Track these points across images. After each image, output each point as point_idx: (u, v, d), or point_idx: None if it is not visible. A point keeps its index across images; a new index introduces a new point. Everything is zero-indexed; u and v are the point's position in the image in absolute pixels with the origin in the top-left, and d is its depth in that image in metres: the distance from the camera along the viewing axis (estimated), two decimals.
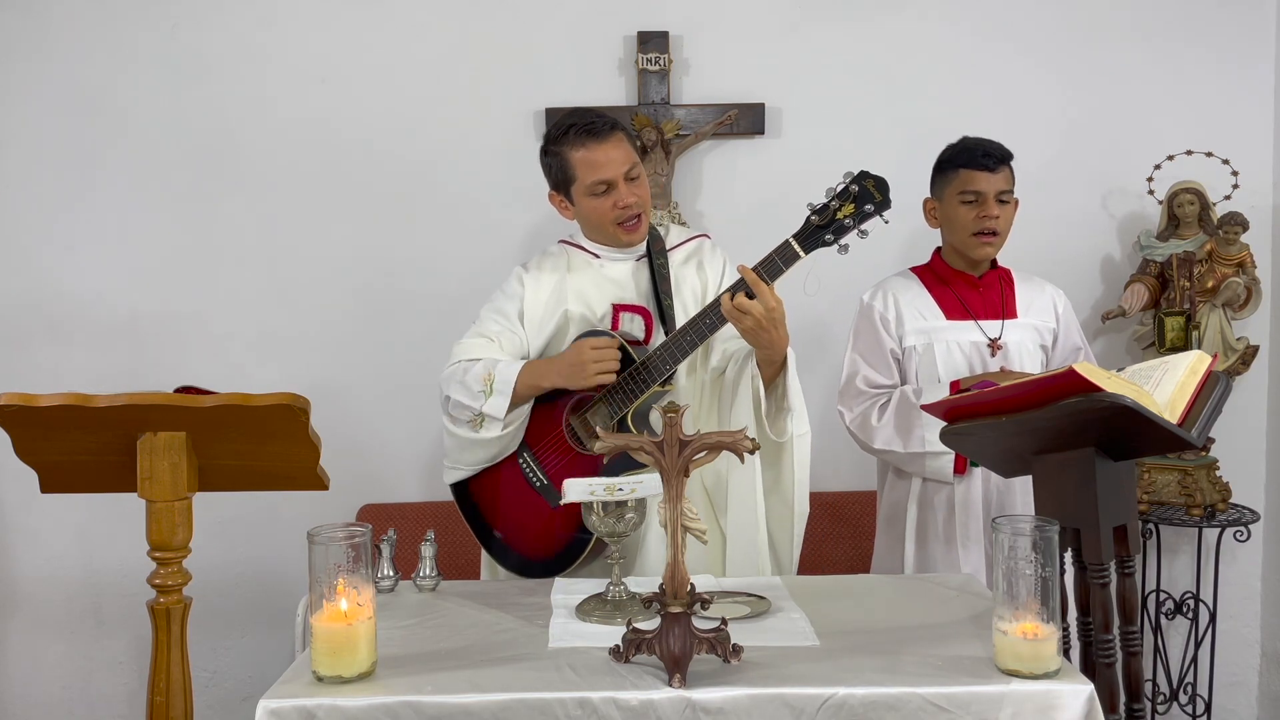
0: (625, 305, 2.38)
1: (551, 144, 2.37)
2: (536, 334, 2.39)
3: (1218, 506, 3.25)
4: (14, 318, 3.44)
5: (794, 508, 2.31)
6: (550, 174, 2.40)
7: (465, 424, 2.33)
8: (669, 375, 2.27)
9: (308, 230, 3.46)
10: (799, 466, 2.30)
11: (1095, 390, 1.76)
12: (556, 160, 2.36)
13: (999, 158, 2.59)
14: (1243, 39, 3.48)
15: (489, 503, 2.42)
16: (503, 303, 2.42)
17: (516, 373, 2.28)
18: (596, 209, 2.35)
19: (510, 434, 2.33)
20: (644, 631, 1.61)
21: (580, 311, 2.38)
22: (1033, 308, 2.69)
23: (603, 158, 2.31)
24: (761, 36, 3.46)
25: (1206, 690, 3.39)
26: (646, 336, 2.36)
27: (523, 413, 2.33)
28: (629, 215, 2.34)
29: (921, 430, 2.53)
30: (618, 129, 2.35)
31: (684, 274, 2.43)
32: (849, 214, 2.14)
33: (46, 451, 2.00)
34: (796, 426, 2.28)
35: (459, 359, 2.37)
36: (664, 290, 2.38)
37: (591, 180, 2.31)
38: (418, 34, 3.44)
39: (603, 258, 2.43)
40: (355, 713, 1.51)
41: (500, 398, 2.27)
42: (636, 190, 2.34)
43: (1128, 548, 1.96)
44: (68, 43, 3.41)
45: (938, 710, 1.52)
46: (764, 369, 2.24)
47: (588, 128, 2.32)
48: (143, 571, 2.01)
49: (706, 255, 2.47)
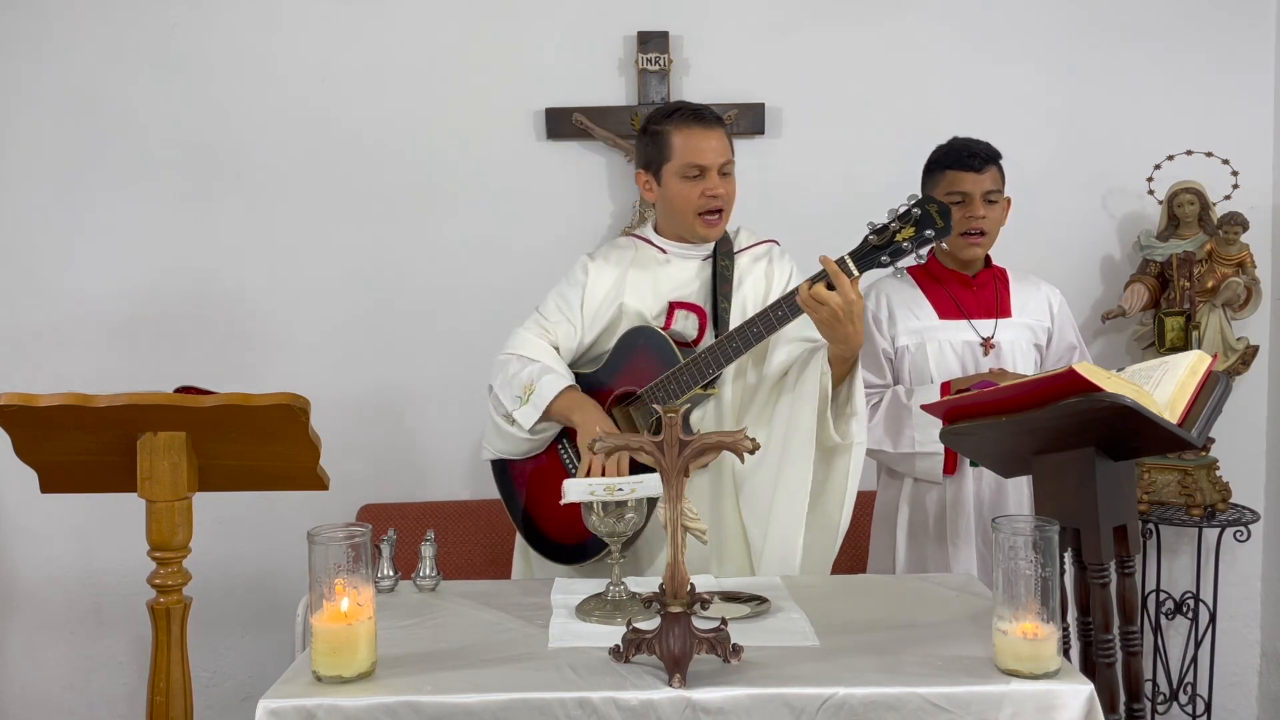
0: (682, 303, 2.39)
1: (653, 123, 2.39)
2: (592, 325, 2.42)
3: (1218, 506, 3.25)
4: (14, 318, 3.45)
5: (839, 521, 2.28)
6: (644, 152, 2.41)
7: (501, 417, 2.38)
8: (714, 378, 2.27)
9: (307, 230, 3.46)
10: (851, 475, 2.28)
11: (1095, 390, 1.76)
12: (656, 139, 2.37)
13: (985, 157, 2.59)
14: (1242, 39, 3.48)
15: (525, 484, 2.44)
16: (567, 289, 2.45)
17: (554, 394, 2.30)
18: (683, 193, 2.35)
19: (539, 440, 2.37)
20: (644, 631, 1.60)
21: (636, 306, 2.39)
22: (1027, 307, 2.69)
23: (704, 144, 2.33)
24: (761, 36, 3.46)
25: (1206, 690, 3.39)
26: (699, 336, 2.37)
27: (554, 426, 2.36)
28: (713, 206, 2.35)
29: (912, 431, 2.54)
30: (721, 124, 2.38)
31: (749, 276, 2.43)
32: (908, 237, 2.10)
33: (46, 451, 2.00)
34: (858, 432, 2.27)
35: (513, 351, 2.40)
36: (723, 292, 2.38)
37: (687, 161, 2.33)
38: (418, 34, 3.44)
39: (669, 253, 2.44)
40: (355, 713, 1.51)
41: (533, 410, 2.31)
42: (726, 185, 2.36)
43: (1128, 548, 1.96)
44: (68, 43, 3.41)
45: (938, 710, 1.52)
46: (834, 366, 2.22)
47: (695, 113, 2.37)
48: (143, 571, 2.01)
49: (775, 260, 2.47)
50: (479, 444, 3.38)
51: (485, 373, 2.54)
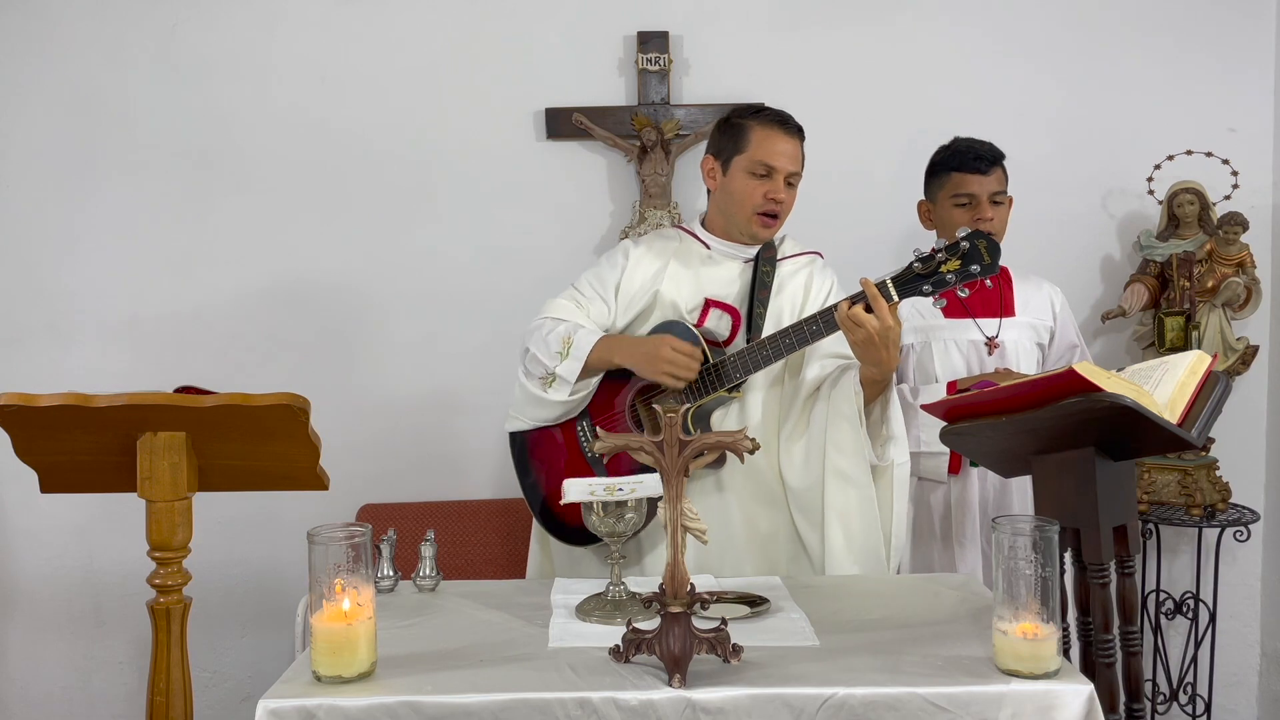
0: (718, 302, 2.40)
1: (737, 115, 2.42)
2: (626, 309, 2.42)
3: (1218, 506, 3.25)
4: (14, 318, 3.44)
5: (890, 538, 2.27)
6: (718, 140, 2.43)
7: (537, 380, 2.37)
8: (740, 382, 2.27)
9: (307, 230, 3.46)
10: (899, 498, 2.27)
11: (1095, 390, 1.76)
12: (736, 129, 2.39)
13: (990, 159, 2.59)
14: (1243, 39, 3.48)
15: (541, 459, 2.44)
16: (605, 270, 2.45)
17: (594, 342, 2.30)
18: (746, 188, 2.36)
19: (577, 400, 2.36)
20: (644, 631, 1.61)
21: (672, 298, 2.39)
22: (1030, 306, 2.70)
23: (781, 147, 2.36)
24: (761, 36, 3.46)
25: (1206, 690, 3.39)
26: (730, 338, 2.37)
27: (591, 383, 2.35)
28: (771, 210, 2.36)
29: (917, 429, 2.54)
30: (803, 138, 2.41)
31: (789, 284, 2.43)
32: (953, 270, 2.09)
33: (46, 451, 2.00)
34: (898, 455, 2.27)
35: (546, 315, 2.41)
36: (760, 297, 2.38)
37: (760, 158, 2.35)
38: (418, 34, 3.44)
39: (714, 250, 2.45)
40: (355, 713, 1.51)
41: (575, 361, 2.30)
42: (789, 194, 2.38)
43: (1128, 548, 1.96)
44: (68, 43, 3.41)
45: (938, 710, 1.52)
46: (866, 388, 2.22)
47: (780, 118, 2.41)
48: (143, 571, 2.01)
49: (817, 272, 2.47)
50: (480, 443, 3.43)
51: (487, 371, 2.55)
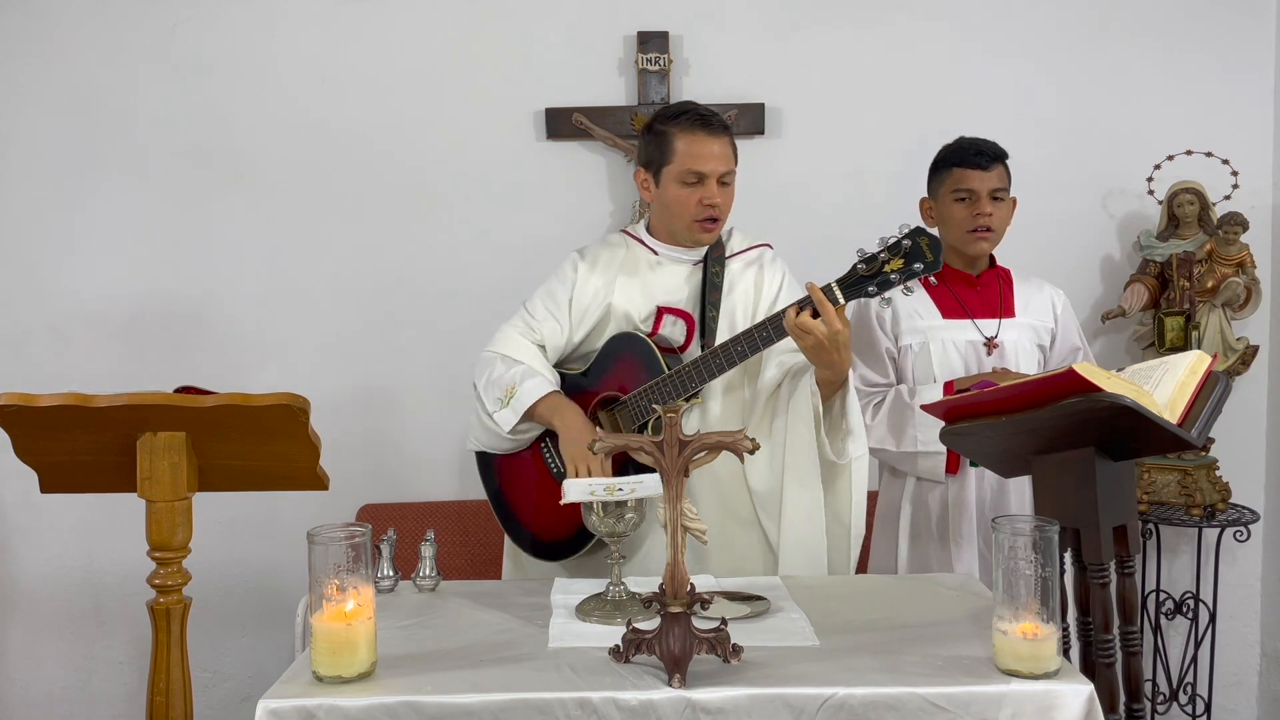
0: (670, 308, 2.37)
1: (659, 122, 2.36)
2: (579, 324, 2.40)
3: (1217, 506, 3.25)
4: (14, 318, 3.45)
5: (850, 529, 2.28)
6: (646, 150, 2.38)
7: (484, 412, 2.37)
8: (696, 391, 2.26)
9: (307, 230, 3.46)
10: (856, 489, 2.27)
11: (1095, 390, 1.76)
12: (660, 139, 2.34)
13: (992, 156, 2.60)
14: (1243, 39, 3.48)
15: (508, 478, 2.44)
16: (555, 287, 2.43)
17: (534, 400, 2.29)
18: (680, 198, 2.33)
19: (522, 440, 2.37)
20: (644, 631, 1.60)
21: (624, 308, 2.37)
22: (1030, 307, 2.69)
23: (706, 151, 2.29)
24: (761, 36, 3.46)
25: (1206, 690, 3.39)
26: (686, 343, 2.35)
27: (536, 427, 2.35)
28: (708, 215, 2.32)
29: (914, 430, 2.54)
30: (728, 132, 2.35)
31: (740, 281, 2.41)
32: (896, 269, 2.07)
33: (46, 451, 2.00)
34: (855, 449, 2.26)
35: (498, 350, 2.40)
36: (711, 300, 2.36)
37: (687, 168, 2.30)
38: (418, 34, 3.44)
39: (661, 255, 2.42)
40: (355, 713, 1.51)
41: (511, 414, 2.30)
42: (724, 195, 2.33)
43: (1128, 548, 1.96)
44: (68, 43, 3.41)
45: (938, 710, 1.52)
46: (822, 387, 2.21)
47: (702, 118, 2.32)
48: (143, 571, 2.01)
49: (766, 266, 2.44)
50: None
51: None
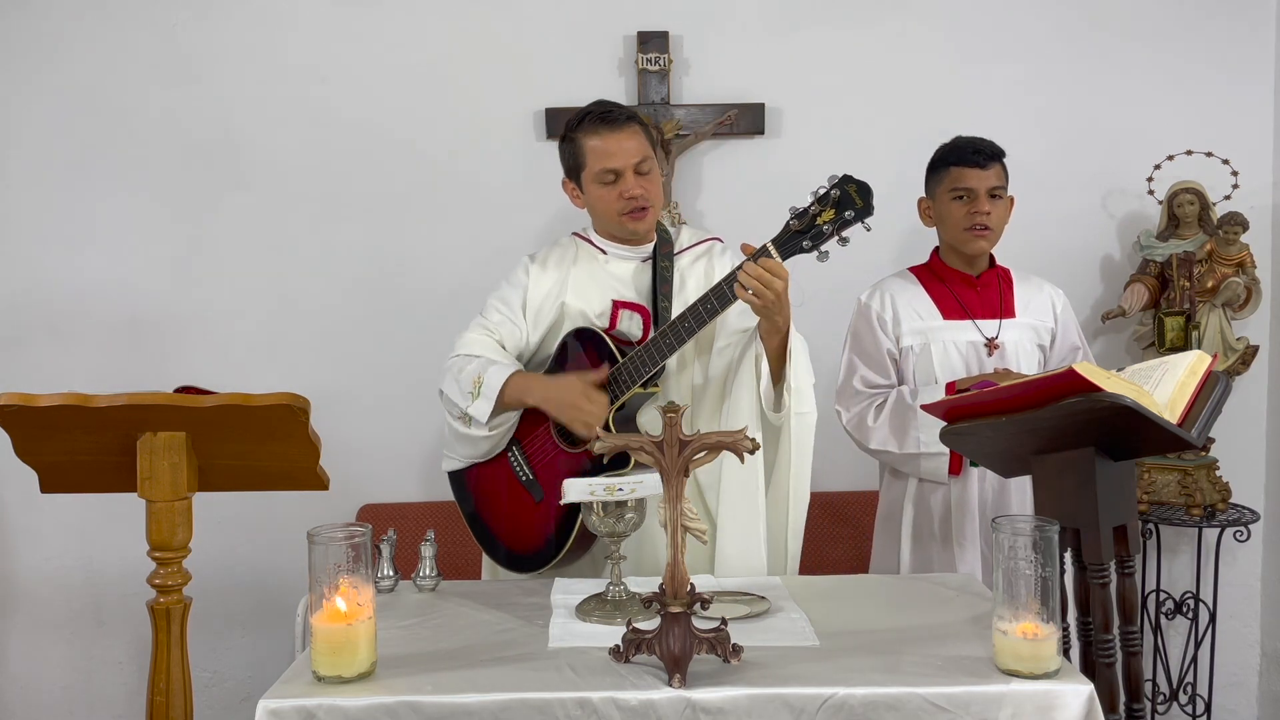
0: (625, 303, 2.37)
1: (568, 130, 2.36)
2: (535, 325, 2.39)
3: (1217, 506, 3.25)
4: (14, 318, 3.45)
5: (789, 494, 2.23)
6: (564, 161, 2.39)
7: (456, 419, 2.35)
8: (651, 377, 2.23)
9: (307, 230, 3.46)
10: (796, 449, 2.22)
11: (1095, 390, 1.76)
12: (571, 146, 2.35)
13: (989, 154, 2.61)
14: (1242, 39, 3.48)
15: (479, 493, 2.43)
16: (507, 291, 2.42)
17: (503, 381, 2.26)
18: (603, 198, 2.33)
19: (499, 434, 2.34)
20: (644, 631, 1.61)
21: (579, 306, 2.37)
22: (1030, 307, 2.70)
23: (614, 147, 2.29)
24: (761, 36, 3.46)
25: (1206, 690, 3.39)
26: (644, 336, 2.34)
27: (510, 417, 2.33)
28: (633, 206, 2.31)
29: (917, 431, 2.53)
30: (634, 121, 2.33)
31: (690, 275, 2.40)
32: (828, 220, 2.04)
33: (46, 451, 2.00)
34: (797, 404, 2.20)
35: (458, 353, 2.38)
36: (663, 292, 2.35)
37: (600, 168, 2.30)
38: (418, 34, 3.44)
39: (609, 253, 2.42)
40: (355, 713, 1.51)
41: (485, 402, 2.27)
42: (645, 184, 2.32)
43: (1128, 548, 1.96)
44: (68, 43, 3.41)
45: (938, 710, 1.52)
46: (768, 340, 2.18)
47: (603, 116, 2.32)
48: (143, 571, 2.01)
49: (715, 257, 2.44)
50: None
51: None
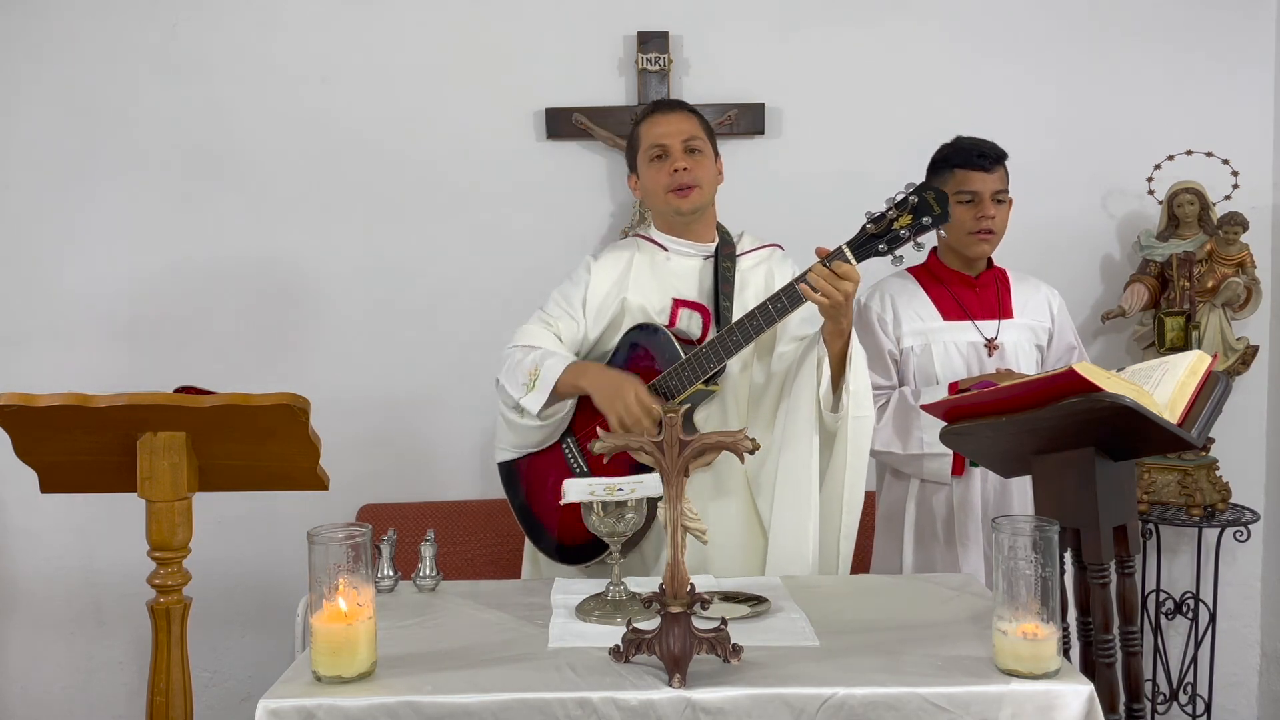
0: (685, 301, 2.39)
1: (633, 126, 2.47)
2: (595, 322, 2.42)
3: (1217, 506, 3.25)
4: (14, 318, 3.45)
5: (843, 496, 2.26)
6: (628, 155, 2.49)
7: (510, 409, 2.38)
8: (714, 374, 2.27)
9: (307, 230, 3.46)
10: (853, 451, 2.26)
11: (1095, 390, 1.76)
12: (631, 139, 2.46)
13: (994, 158, 2.60)
14: (1242, 39, 3.48)
15: (531, 484, 2.44)
16: (569, 289, 2.46)
17: (559, 372, 2.29)
18: (653, 177, 2.39)
19: (552, 424, 2.37)
20: (644, 631, 1.60)
21: (639, 302, 2.39)
22: (1028, 307, 2.70)
23: (662, 126, 2.38)
24: (761, 36, 3.46)
25: (1206, 690, 3.39)
26: (703, 335, 2.36)
27: (565, 406, 2.35)
28: (680, 182, 2.36)
29: (920, 432, 2.53)
30: (685, 107, 2.45)
31: (751, 279, 2.43)
32: (905, 225, 2.11)
33: (46, 451, 2.00)
34: (855, 408, 2.24)
35: (517, 343, 2.41)
36: (725, 292, 2.38)
37: (649, 144, 2.38)
38: (418, 34, 3.44)
39: (670, 251, 2.45)
40: (355, 713, 1.51)
41: (539, 394, 2.30)
42: (692, 162, 2.37)
43: (1128, 548, 1.96)
44: (68, 43, 3.41)
45: (938, 710, 1.52)
46: (831, 344, 2.21)
47: (657, 103, 2.49)
48: (143, 571, 2.01)
49: (776, 264, 2.47)
50: (480, 444, 3.43)
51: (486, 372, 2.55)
